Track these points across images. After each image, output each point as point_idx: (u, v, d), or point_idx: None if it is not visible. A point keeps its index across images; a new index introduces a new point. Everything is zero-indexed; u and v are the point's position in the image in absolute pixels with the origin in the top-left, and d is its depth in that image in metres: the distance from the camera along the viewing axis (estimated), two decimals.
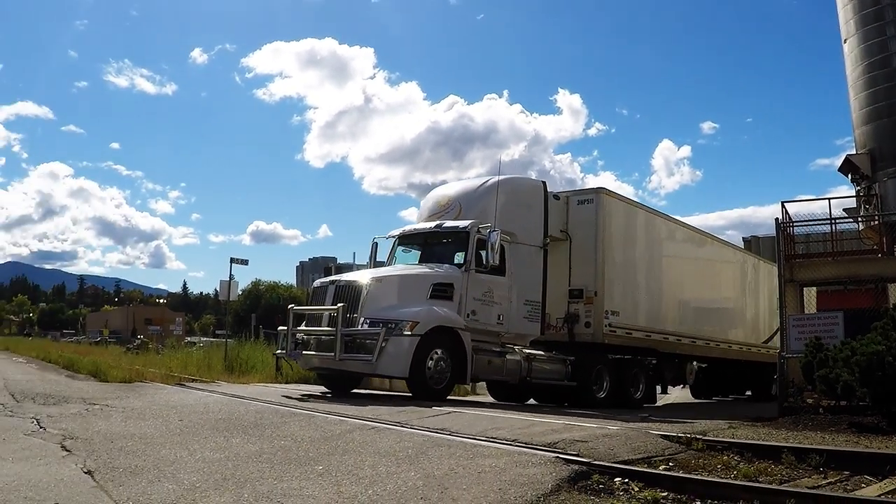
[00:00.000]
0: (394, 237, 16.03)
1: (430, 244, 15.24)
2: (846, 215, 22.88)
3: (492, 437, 8.05)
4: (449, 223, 14.88)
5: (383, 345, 12.27)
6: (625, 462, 6.82)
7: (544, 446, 7.46)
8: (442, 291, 13.51)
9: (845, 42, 24.76)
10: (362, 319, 12.68)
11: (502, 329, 14.61)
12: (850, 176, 24.18)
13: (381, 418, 9.46)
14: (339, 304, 12.60)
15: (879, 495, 6.08)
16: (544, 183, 16.13)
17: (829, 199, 20.42)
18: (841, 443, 8.78)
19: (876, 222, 21.49)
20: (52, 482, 5.72)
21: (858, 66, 23.93)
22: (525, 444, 7.64)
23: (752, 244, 24.86)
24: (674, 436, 8.32)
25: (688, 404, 21.64)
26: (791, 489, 5.99)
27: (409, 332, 12.46)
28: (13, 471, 6.13)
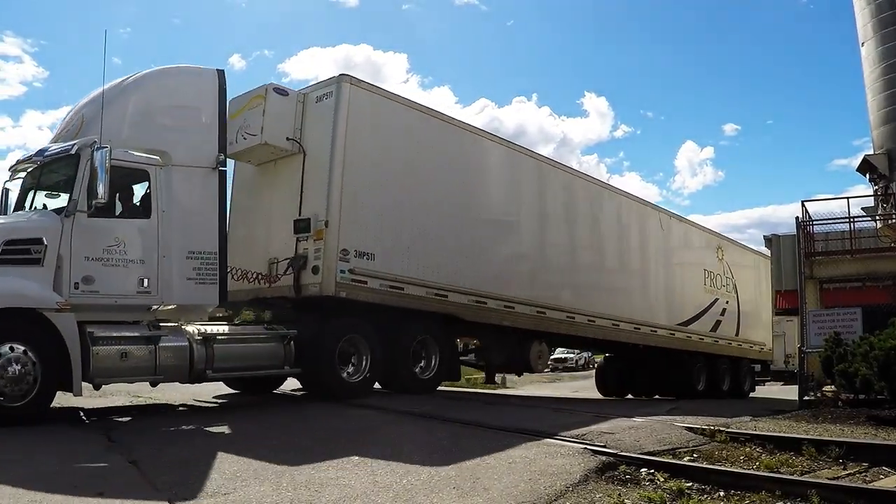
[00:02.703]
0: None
1: (41, 181, 10.43)
2: (864, 214, 22.99)
3: (521, 429, 8.27)
4: (55, 146, 10.06)
5: None
6: (650, 453, 7.05)
7: (572, 438, 7.69)
8: (22, 252, 8.79)
9: (863, 45, 24.80)
10: None
11: (150, 301, 9.76)
12: (867, 175, 24.23)
13: (415, 410, 9.66)
14: None
15: None
16: (220, 72, 10.74)
17: (848, 198, 20.63)
18: (860, 435, 8.98)
19: (893, 220, 21.52)
20: (98, 473, 5.84)
21: (876, 69, 23.98)
22: (553, 435, 7.85)
23: (773, 242, 23.99)
24: (698, 428, 8.53)
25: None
26: (812, 480, 6.19)
27: None
28: (60, 461, 6.23)
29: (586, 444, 7.33)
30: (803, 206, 19.63)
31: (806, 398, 13.69)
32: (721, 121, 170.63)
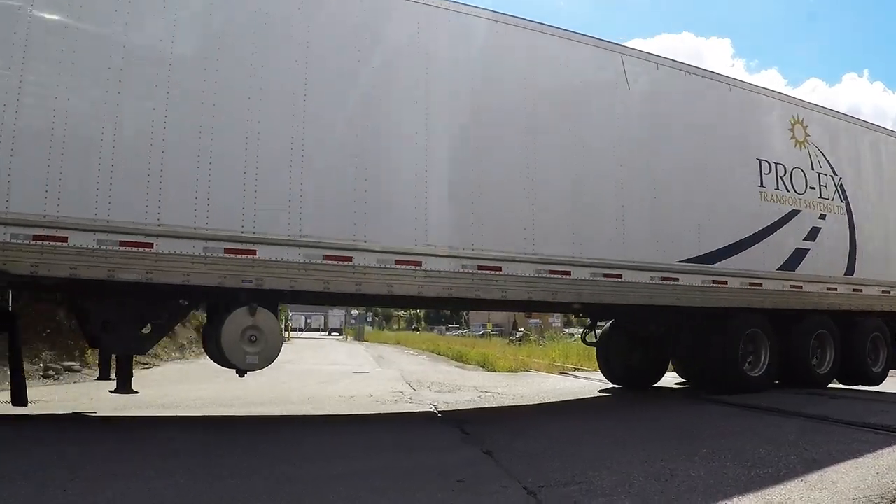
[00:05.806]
0: None
1: None
2: None
3: (867, 423, 8.12)
4: None
5: None
6: None
7: None
8: None
9: None
10: None
11: None
12: None
13: (759, 405, 9.77)
14: None
15: None
16: None
17: None
18: None
19: None
20: (457, 462, 6.23)
21: None
22: None
23: None
24: None
25: None
26: None
27: None
28: (417, 454, 6.67)
29: None
30: None
31: None
32: None
